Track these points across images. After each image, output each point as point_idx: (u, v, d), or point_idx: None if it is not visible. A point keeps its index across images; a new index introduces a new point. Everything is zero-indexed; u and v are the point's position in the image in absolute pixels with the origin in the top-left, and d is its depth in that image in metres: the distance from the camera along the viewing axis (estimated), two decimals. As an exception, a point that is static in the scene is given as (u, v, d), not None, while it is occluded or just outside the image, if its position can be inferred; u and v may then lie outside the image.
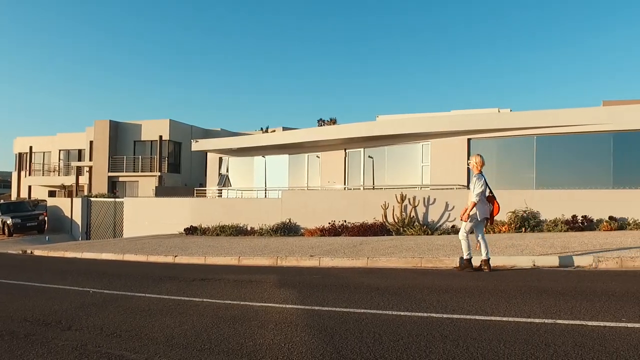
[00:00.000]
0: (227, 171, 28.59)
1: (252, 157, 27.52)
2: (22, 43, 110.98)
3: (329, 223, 17.93)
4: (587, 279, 7.67)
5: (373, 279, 8.71)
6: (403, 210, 17.14)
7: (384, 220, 17.26)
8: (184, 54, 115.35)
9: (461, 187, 18.95)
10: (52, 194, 44.18)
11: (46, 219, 30.11)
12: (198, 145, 28.88)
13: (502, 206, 15.93)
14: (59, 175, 45.06)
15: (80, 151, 43.92)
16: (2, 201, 34.96)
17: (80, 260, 14.81)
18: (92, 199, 28.95)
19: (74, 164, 41.43)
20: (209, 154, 29.49)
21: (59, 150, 45.66)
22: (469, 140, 19.63)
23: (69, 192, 41.22)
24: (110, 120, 38.28)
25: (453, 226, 16.38)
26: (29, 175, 46.43)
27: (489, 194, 9.04)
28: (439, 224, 17.07)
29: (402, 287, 7.73)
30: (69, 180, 42.13)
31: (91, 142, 39.62)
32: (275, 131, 39.79)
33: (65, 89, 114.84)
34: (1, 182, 71.24)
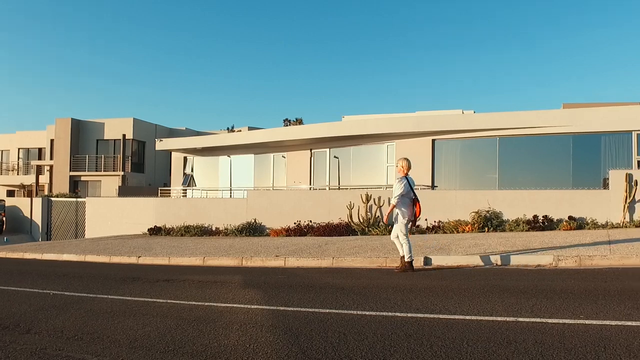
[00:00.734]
0: (192, 171, 28.32)
1: (217, 157, 27.32)
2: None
3: (295, 223, 17.92)
4: (547, 278, 7.86)
5: (338, 279, 8.75)
6: (368, 210, 17.25)
7: (350, 220, 17.34)
8: (149, 52, 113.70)
9: (426, 187, 19.18)
10: (10, 193, 42.93)
11: (4, 219, 29.22)
12: (162, 145, 28.50)
13: (466, 206, 16.40)
14: (18, 174, 43.77)
15: (40, 150, 42.78)
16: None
17: (41, 262, 14.44)
18: (53, 198, 28.25)
19: (34, 162, 40.30)
20: (173, 153, 29.14)
21: (18, 149, 44.35)
22: (433, 141, 19.90)
23: (28, 191, 40.14)
24: (72, 118, 37.35)
25: (418, 226, 16.54)
26: (-14, 174, 45.02)
27: (413, 196, 9.21)
28: (404, 224, 17.18)
29: (367, 286, 7.78)
30: (29, 180, 40.98)
31: (52, 141, 38.59)
32: (240, 131, 39.50)
33: (26, 87, 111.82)
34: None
